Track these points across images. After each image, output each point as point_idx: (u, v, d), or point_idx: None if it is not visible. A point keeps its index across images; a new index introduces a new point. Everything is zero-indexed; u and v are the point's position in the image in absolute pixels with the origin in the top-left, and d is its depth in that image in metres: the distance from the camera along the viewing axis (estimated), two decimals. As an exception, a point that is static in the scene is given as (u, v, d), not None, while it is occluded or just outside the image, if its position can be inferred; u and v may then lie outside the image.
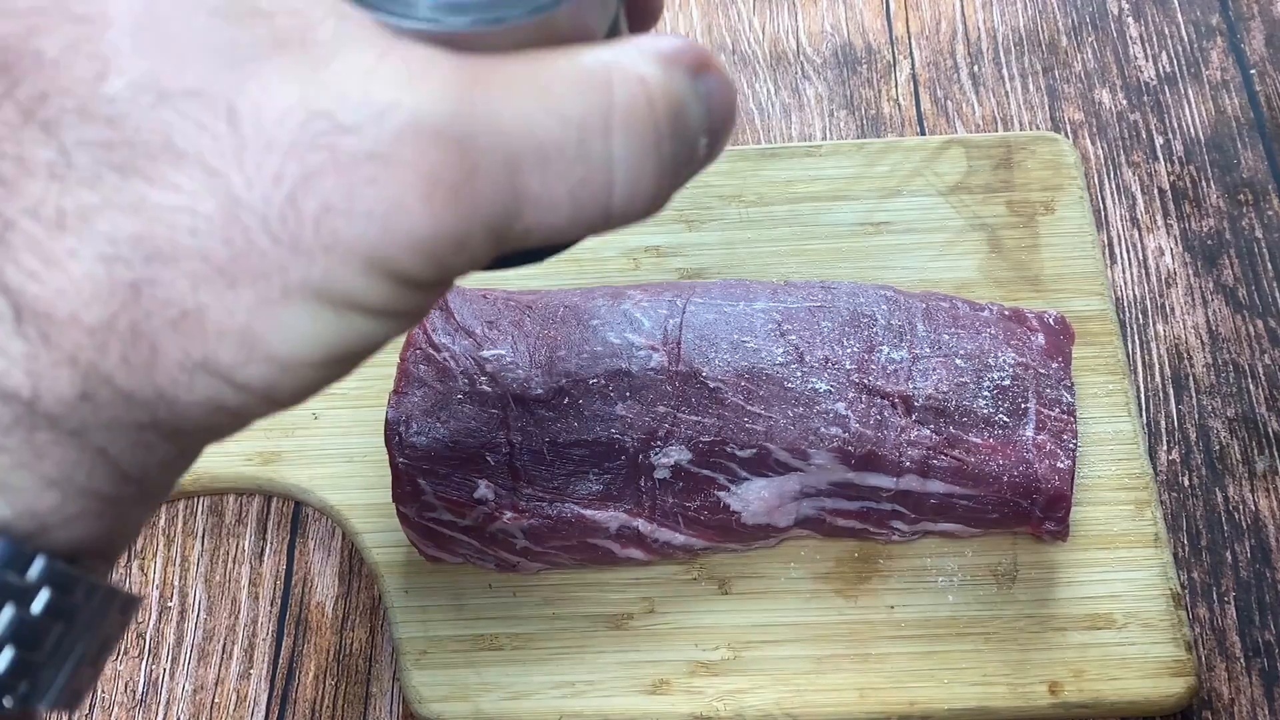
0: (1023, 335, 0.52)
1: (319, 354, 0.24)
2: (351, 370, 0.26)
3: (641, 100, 0.25)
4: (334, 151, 0.23)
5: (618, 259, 0.60)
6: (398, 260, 0.23)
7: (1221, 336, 0.59)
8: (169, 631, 0.54)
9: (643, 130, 0.25)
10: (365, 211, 0.23)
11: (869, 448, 0.48)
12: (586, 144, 0.24)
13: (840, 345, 0.50)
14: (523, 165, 0.24)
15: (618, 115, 0.25)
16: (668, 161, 0.26)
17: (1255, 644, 0.52)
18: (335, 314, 0.24)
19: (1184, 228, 0.62)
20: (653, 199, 0.26)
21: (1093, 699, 0.48)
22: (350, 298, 0.24)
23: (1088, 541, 0.52)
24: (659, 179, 0.26)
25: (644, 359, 0.50)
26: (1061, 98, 0.67)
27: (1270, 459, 0.56)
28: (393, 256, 0.23)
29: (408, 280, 0.24)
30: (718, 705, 0.49)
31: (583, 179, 0.25)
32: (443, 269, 0.24)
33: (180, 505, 0.57)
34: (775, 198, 0.61)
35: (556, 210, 0.25)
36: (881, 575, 0.52)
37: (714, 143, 0.28)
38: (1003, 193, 0.61)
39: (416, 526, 0.50)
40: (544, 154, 0.24)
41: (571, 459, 0.49)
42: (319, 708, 0.52)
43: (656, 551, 0.51)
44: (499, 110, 0.24)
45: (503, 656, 0.51)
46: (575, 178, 0.24)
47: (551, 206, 0.25)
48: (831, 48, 0.69)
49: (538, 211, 0.25)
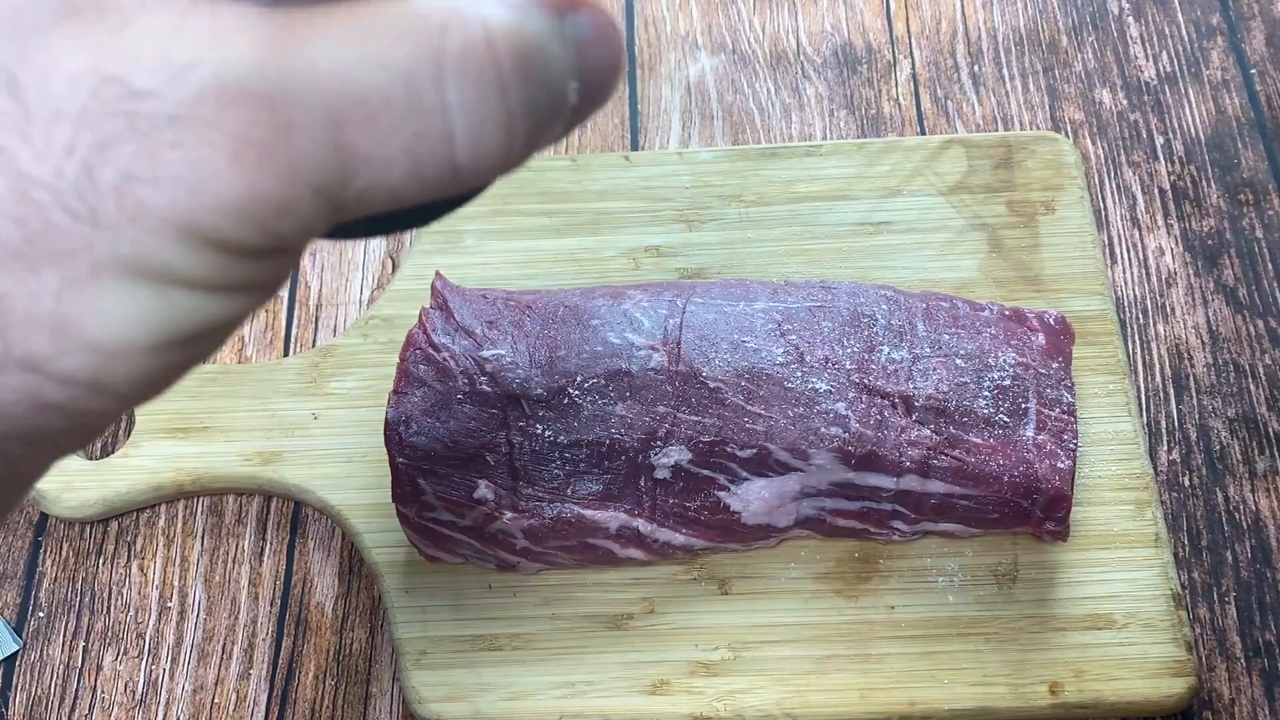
0: (1023, 335, 0.52)
1: (146, 337, 0.23)
2: (205, 353, 0.25)
3: (479, 44, 0.23)
4: (131, 117, 0.21)
5: (618, 259, 0.60)
6: (214, 226, 0.22)
7: (1222, 336, 0.59)
8: (169, 631, 0.54)
9: (481, 77, 0.23)
10: (171, 177, 0.21)
11: (869, 448, 0.48)
12: (416, 95, 0.23)
13: (840, 345, 0.50)
14: (346, 121, 0.22)
15: (450, 62, 0.23)
16: (519, 110, 0.24)
17: (1256, 644, 0.52)
18: (155, 291, 0.22)
19: (1184, 228, 0.62)
20: (506, 151, 0.24)
21: (1093, 699, 0.48)
22: (168, 271, 0.22)
23: (1088, 541, 0.52)
24: (509, 129, 0.24)
25: (644, 359, 0.50)
26: (1062, 97, 0.67)
27: (1271, 459, 0.56)
28: (208, 222, 0.22)
29: (232, 247, 0.23)
30: (718, 705, 0.49)
31: (417, 133, 0.23)
32: (270, 234, 0.23)
33: (180, 505, 0.57)
34: (775, 198, 0.61)
35: (392, 168, 0.23)
36: (881, 575, 0.52)
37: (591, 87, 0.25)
38: (1003, 193, 0.61)
39: (416, 526, 0.50)
40: (369, 108, 0.22)
41: (571, 459, 0.49)
42: (319, 708, 0.52)
43: (656, 551, 0.51)
44: (315, 63, 0.22)
45: (502, 657, 0.51)
46: (408, 132, 0.23)
47: (386, 164, 0.23)
48: (832, 47, 0.69)
49: (372, 170, 0.23)
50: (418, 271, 0.60)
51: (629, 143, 0.67)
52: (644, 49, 0.70)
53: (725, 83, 0.68)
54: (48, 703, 0.53)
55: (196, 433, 0.56)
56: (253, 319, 0.62)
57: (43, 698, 0.53)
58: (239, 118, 0.22)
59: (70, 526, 0.57)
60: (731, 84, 0.68)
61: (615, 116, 0.68)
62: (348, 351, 0.58)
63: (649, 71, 0.69)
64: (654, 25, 0.71)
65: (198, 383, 0.57)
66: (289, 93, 0.22)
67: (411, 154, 0.23)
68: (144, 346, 0.23)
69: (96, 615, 0.55)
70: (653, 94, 0.68)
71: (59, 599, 0.55)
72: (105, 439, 0.59)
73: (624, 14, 0.71)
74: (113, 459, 0.56)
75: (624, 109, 0.68)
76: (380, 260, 0.63)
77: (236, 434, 0.56)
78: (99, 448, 0.59)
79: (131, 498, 0.55)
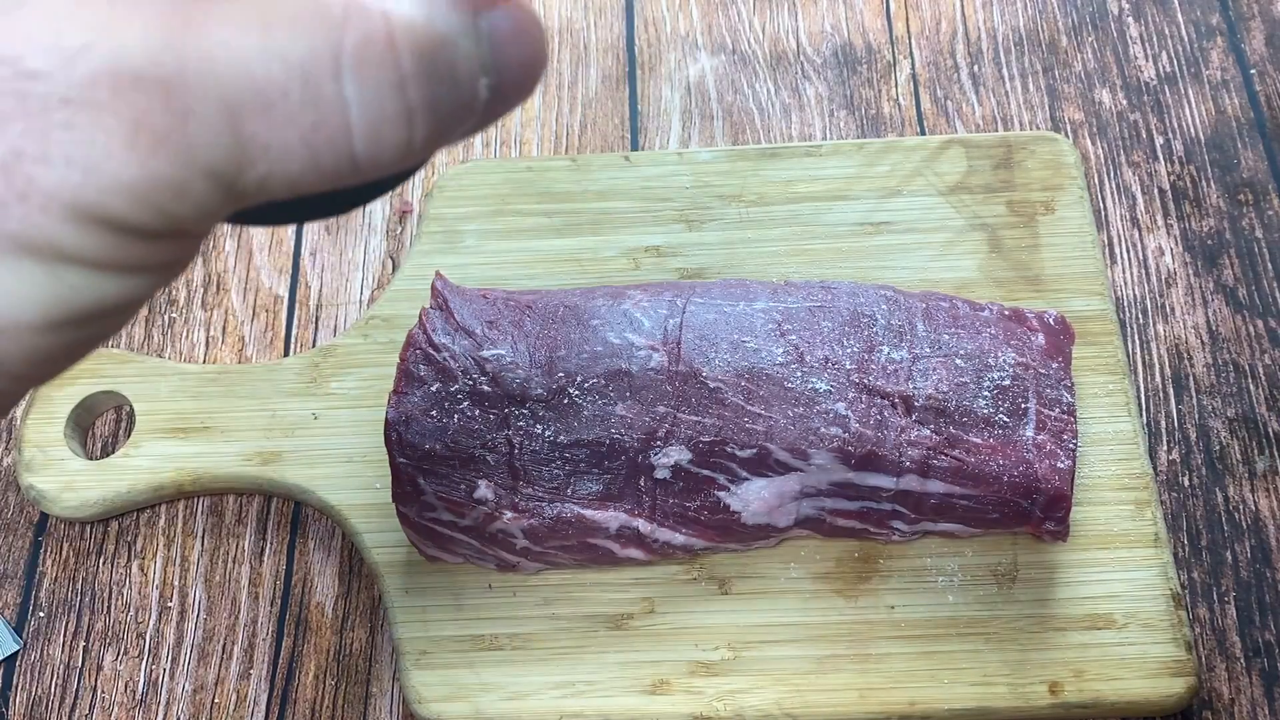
0: (1023, 335, 0.52)
1: (38, 315, 0.23)
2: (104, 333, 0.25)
3: (379, 38, 0.23)
4: (22, 97, 0.21)
5: (618, 259, 0.60)
6: (107, 207, 0.22)
7: (1221, 336, 0.59)
8: (169, 631, 0.54)
9: (379, 72, 0.23)
10: (64, 157, 0.22)
11: (869, 448, 0.48)
12: (314, 87, 0.23)
13: (840, 345, 0.50)
14: (243, 110, 0.22)
15: (348, 55, 0.23)
16: (420, 105, 0.24)
17: (1255, 644, 0.52)
18: (46, 269, 0.22)
19: (1184, 228, 0.62)
20: (406, 144, 0.24)
21: (1093, 699, 0.48)
22: (59, 249, 0.22)
23: (1088, 541, 0.52)
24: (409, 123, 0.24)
25: (644, 359, 0.50)
26: (1061, 98, 0.67)
27: (1270, 459, 0.56)
28: (100, 203, 0.22)
29: (126, 228, 0.23)
30: (718, 705, 0.49)
31: (315, 124, 0.23)
32: (165, 216, 0.23)
33: (180, 505, 0.57)
34: (775, 198, 0.61)
35: (290, 157, 0.23)
36: (881, 575, 0.52)
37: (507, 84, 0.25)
38: (1003, 193, 0.61)
39: (416, 526, 0.50)
40: (265, 98, 0.22)
41: (571, 459, 0.49)
42: (319, 708, 0.52)
43: (656, 551, 0.51)
44: (212, 52, 0.22)
45: (502, 657, 0.51)
46: (306, 123, 0.23)
47: (283, 153, 0.23)
48: (831, 48, 0.69)
49: (269, 159, 0.23)
50: (418, 271, 0.60)
51: (629, 143, 0.67)
52: (644, 49, 0.70)
53: (725, 83, 0.68)
54: (48, 703, 0.53)
55: (197, 433, 0.56)
56: (253, 319, 0.62)
57: (43, 698, 0.53)
58: (133, 102, 0.22)
59: (70, 526, 0.57)
60: (731, 84, 0.68)
61: (615, 116, 0.68)
62: (348, 351, 0.58)
63: (649, 71, 0.69)
64: (654, 25, 0.71)
65: (198, 383, 0.57)
66: (185, 80, 0.22)
67: (309, 144, 0.23)
68: (36, 325, 0.23)
69: (97, 615, 0.55)
70: (653, 94, 0.68)
71: (59, 599, 0.55)
72: (105, 439, 0.59)
73: (624, 14, 0.71)
74: (113, 459, 0.56)
75: (624, 109, 0.68)
76: (380, 260, 0.63)
77: (237, 434, 0.56)
78: (99, 448, 0.59)
79: (132, 498, 0.55)
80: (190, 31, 0.22)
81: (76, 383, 0.57)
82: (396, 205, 0.65)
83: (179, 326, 0.62)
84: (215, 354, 0.61)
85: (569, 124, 0.67)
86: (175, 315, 0.62)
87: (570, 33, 0.71)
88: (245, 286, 0.63)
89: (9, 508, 0.58)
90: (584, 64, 0.70)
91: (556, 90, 0.69)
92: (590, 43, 0.70)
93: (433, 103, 0.24)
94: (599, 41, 0.70)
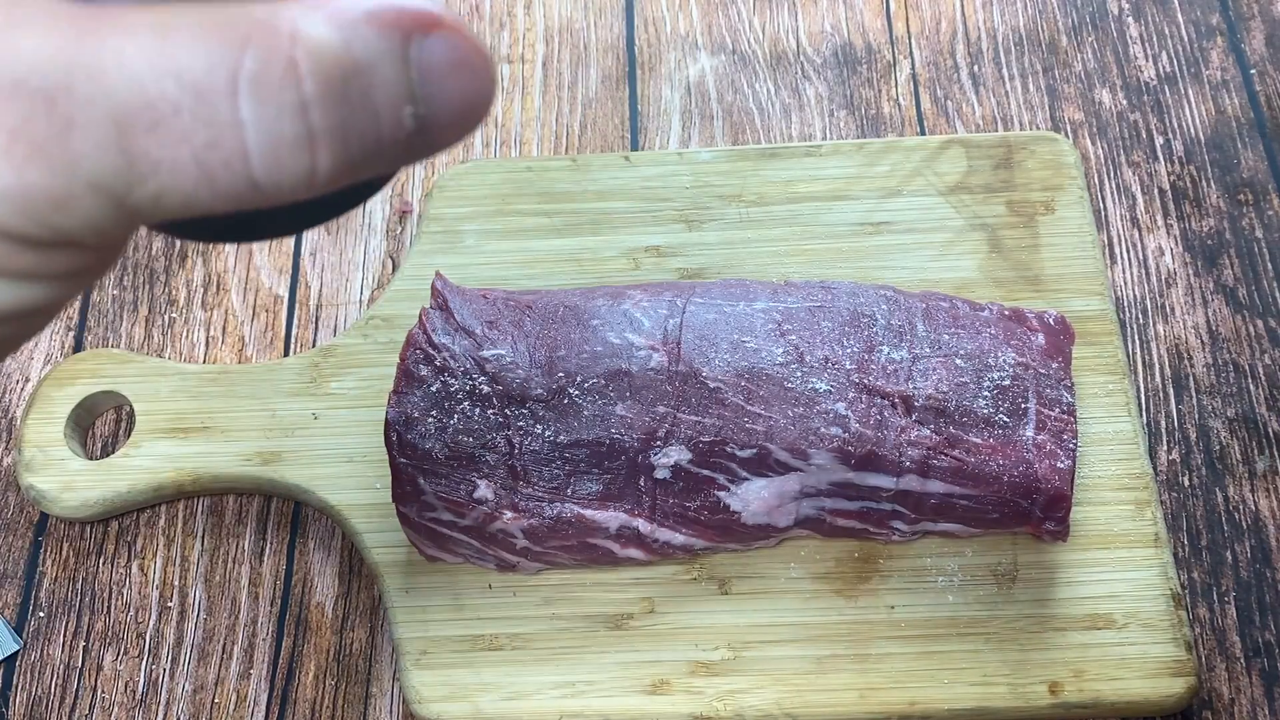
0: (1023, 335, 0.52)
1: None
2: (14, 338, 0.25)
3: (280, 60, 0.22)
4: None
5: (618, 259, 0.60)
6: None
7: (1221, 336, 0.59)
8: (169, 631, 0.54)
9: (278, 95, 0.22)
10: None
11: (869, 448, 0.48)
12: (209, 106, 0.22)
13: (840, 345, 0.50)
14: (132, 125, 0.22)
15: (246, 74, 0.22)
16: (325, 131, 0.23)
17: (1255, 644, 0.52)
18: None
19: (1184, 228, 0.62)
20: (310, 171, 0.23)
21: (1093, 699, 0.48)
22: None
23: (1088, 541, 0.52)
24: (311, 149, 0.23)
25: (644, 359, 0.50)
26: (1061, 98, 0.67)
27: (1270, 459, 0.56)
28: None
29: (10, 236, 0.22)
30: (718, 705, 0.49)
31: (209, 144, 0.22)
32: (49, 227, 0.23)
33: (180, 505, 0.57)
34: (775, 198, 0.61)
35: (183, 175, 0.23)
36: (881, 575, 0.52)
37: (441, 116, 0.24)
38: (1003, 193, 0.61)
39: (416, 526, 0.50)
40: (156, 113, 0.22)
41: (571, 459, 0.49)
42: (319, 708, 0.52)
43: (656, 551, 0.51)
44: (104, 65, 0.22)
45: (502, 657, 0.51)
46: (199, 142, 0.22)
47: (174, 171, 0.22)
48: (831, 48, 0.69)
49: (160, 176, 0.22)
50: (418, 271, 0.60)
51: (629, 143, 0.67)
52: (644, 49, 0.70)
53: (725, 83, 0.68)
54: (48, 703, 0.53)
55: (196, 433, 0.56)
56: (253, 319, 0.62)
57: (43, 698, 0.53)
58: (11, 111, 0.21)
59: (70, 526, 0.57)
60: (731, 84, 0.68)
61: (615, 116, 0.68)
62: (348, 351, 0.58)
63: (649, 71, 0.69)
64: (654, 25, 0.71)
65: (198, 383, 0.57)
66: (71, 92, 0.22)
67: (202, 164, 0.23)
68: None
69: (96, 615, 0.55)
70: (653, 94, 0.68)
71: (59, 599, 0.55)
72: (105, 439, 0.59)
73: (624, 14, 0.71)
74: (113, 459, 0.56)
75: (624, 109, 0.68)
76: (380, 260, 0.64)
77: (237, 434, 0.56)
78: (99, 448, 0.59)
79: (132, 498, 0.55)
80: (85, 41, 0.22)
81: (76, 383, 0.57)
82: (396, 205, 0.65)
83: (179, 326, 0.62)
84: (215, 354, 0.61)
85: (569, 124, 0.67)
86: (175, 315, 0.62)
87: (570, 33, 0.71)
88: (245, 286, 0.63)
89: (9, 508, 0.58)
90: (584, 64, 0.70)
91: (556, 90, 0.69)
92: (590, 43, 0.70)
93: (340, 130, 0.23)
94: (599, 41, 0.70)
